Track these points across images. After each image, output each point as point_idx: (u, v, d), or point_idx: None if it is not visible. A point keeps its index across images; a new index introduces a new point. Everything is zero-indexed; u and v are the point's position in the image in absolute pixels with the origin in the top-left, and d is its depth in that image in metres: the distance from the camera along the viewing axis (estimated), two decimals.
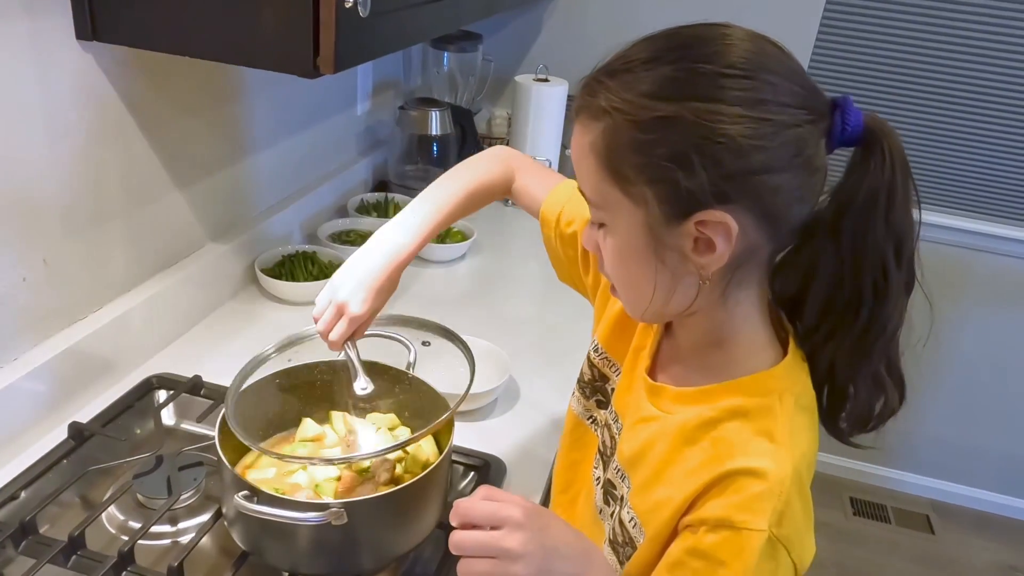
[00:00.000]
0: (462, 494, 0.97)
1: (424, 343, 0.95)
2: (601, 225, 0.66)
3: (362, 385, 0.84)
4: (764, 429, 0.63)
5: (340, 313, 0.83)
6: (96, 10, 0.91)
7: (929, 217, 2.27)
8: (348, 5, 0.82)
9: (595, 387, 0.87)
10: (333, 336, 0.83)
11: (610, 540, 0.75)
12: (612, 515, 0.76)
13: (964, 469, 2.49)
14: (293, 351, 0.91)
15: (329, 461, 0.83)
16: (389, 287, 0.86)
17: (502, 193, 0.96)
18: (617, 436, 0.78)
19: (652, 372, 0.75)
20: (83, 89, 0.97)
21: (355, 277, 0.84)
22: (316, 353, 0.92)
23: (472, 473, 1.01)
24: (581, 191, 0.66)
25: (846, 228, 0.61)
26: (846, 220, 0.61)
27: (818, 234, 0.62)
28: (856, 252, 0.61)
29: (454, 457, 1.01)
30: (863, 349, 0.64)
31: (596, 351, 0.87)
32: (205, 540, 0.86)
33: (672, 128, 0.57)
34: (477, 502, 0.61)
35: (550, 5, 2.12)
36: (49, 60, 0.91)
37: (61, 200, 0.98)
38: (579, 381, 0.90)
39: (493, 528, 0.60)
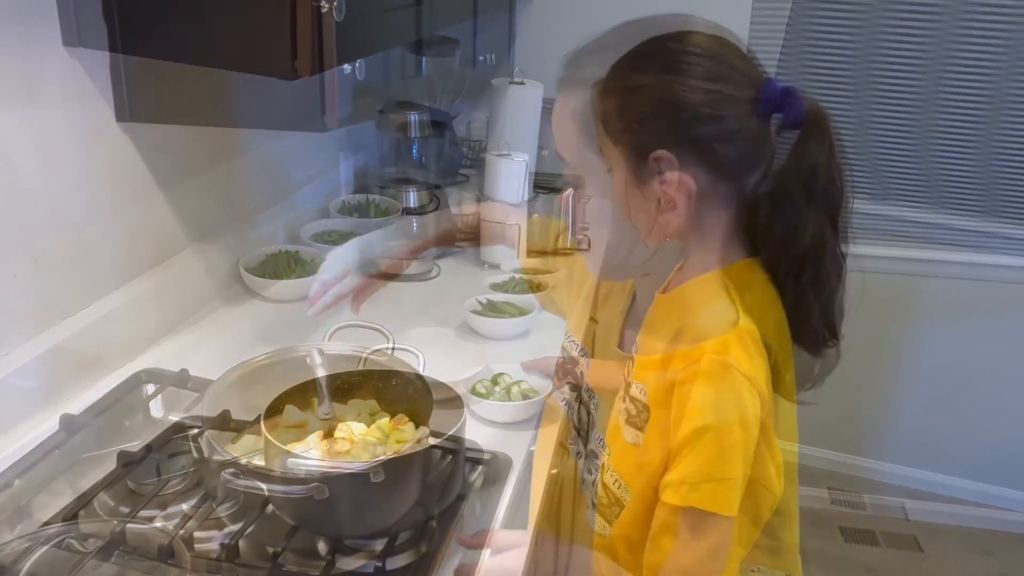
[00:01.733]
0: (442, 475, 1.01)
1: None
2: (576, 188, 0.73)
3: (325, 410, 0.93)
4: (719, 386, 0.69)
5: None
6: (80, 19, 0.95)
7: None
8: (324, 10, 0.86)
9: (566, 369, 0.93)
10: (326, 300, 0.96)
11: (594, 504, 0.81)
12: (595, 482, 0.82)
13: (939, 457, 2.56)
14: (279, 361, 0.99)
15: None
16: None
17: None
18: (595, 411, 0.83)
19: (621, 345, 0.81)
20: (69, 91, 1.00)
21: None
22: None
23: (450, 457, 1.05)
24: (560, 156, 0.73)
25: (789, 198, 0.68)
26: (789, 191, 0.68)
27: (765, 205, 0.70)
28: (798, 219, 0.68)
29: (431, 442, 1.04)
30: (805, 309, 0.71)
31: (566, 337, 0.94)
32: (194, 522, 0.90)
33: (642, 96, 0.65)
34: None
35: (524, 10, 2.17)
36: (35, 66, 0.94)
37: (51, 202, 1.01)
38: (554, 367, 0.96)
39: None
